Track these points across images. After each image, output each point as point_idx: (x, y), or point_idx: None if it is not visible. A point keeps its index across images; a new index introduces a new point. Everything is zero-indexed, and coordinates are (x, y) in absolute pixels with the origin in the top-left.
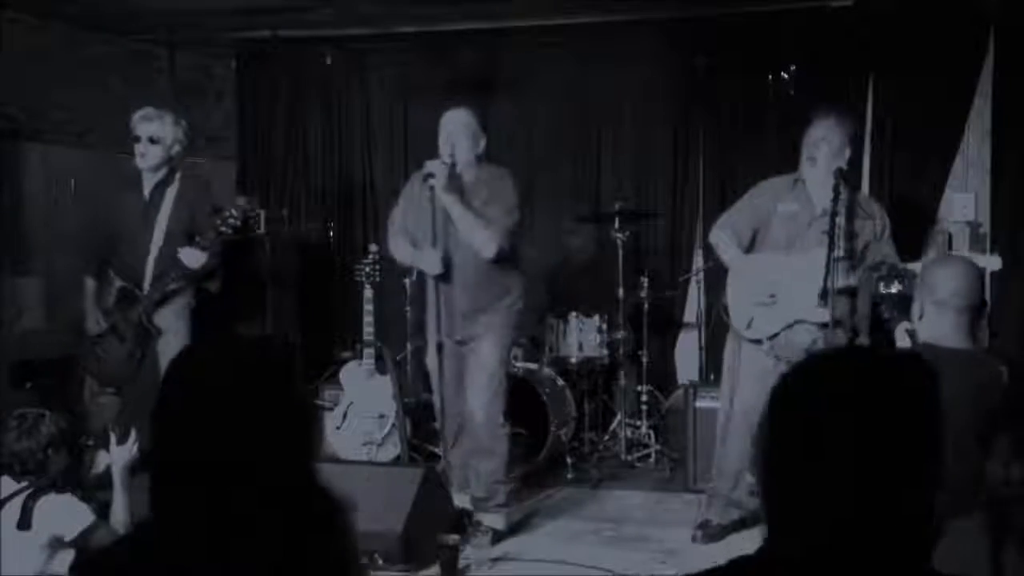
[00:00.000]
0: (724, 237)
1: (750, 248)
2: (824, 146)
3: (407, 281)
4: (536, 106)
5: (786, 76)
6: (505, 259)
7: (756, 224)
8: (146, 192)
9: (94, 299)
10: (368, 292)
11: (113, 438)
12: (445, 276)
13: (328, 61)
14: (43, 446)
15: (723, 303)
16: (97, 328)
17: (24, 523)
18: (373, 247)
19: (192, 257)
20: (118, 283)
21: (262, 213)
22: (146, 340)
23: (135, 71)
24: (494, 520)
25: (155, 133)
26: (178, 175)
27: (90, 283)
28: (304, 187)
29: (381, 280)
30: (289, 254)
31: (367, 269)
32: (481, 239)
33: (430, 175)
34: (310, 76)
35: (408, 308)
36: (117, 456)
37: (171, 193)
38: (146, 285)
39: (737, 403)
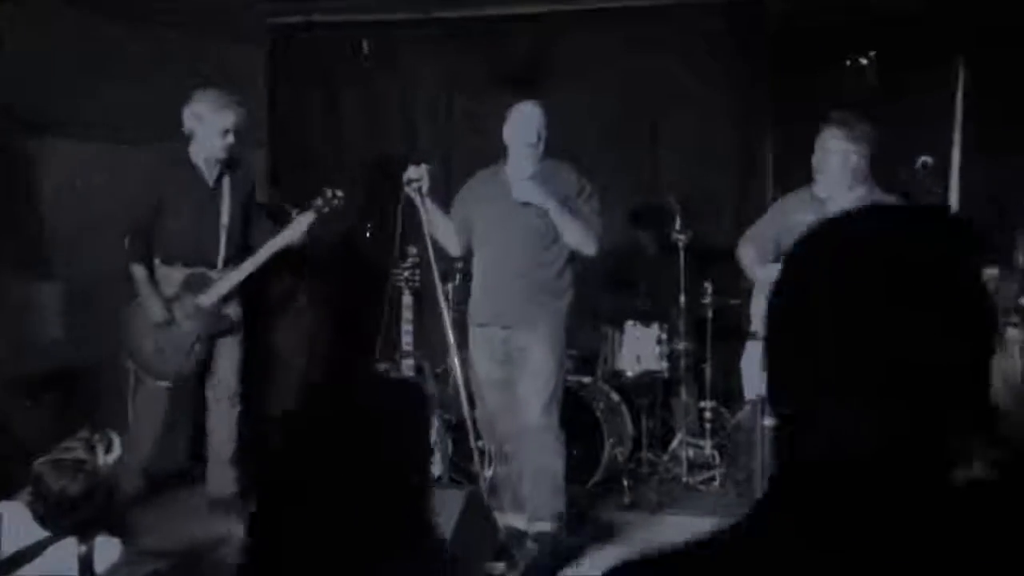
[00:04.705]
0: (747, 251)
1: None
2: (831, 155)
3: (450, 287)
4: (586, 95)
5: (865, 61)
6: (557, 257)
7: (777, 237)
8: (210, 177)
9: (150, 286)
10: (407, 299)
11: (100, 449)
12: (493, 276)
13: (365, 48)
14: (86, 488)
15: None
16: (163, 315)
17: (88, 572)
18: (413, 250)
19: (302, 224)
20: (182, 270)
21: (294, 212)
22: (217, 328)
23: (162, 59)
24: (548, 527)
25: (237, 123)
26: (239, 158)
27: (140, 270)
28: (339, 182)
29: (422, 286)
30: (323, 255)
31: (406, 274)
32: (585, 239)
33: (413, 180)
34: (346, 64)
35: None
36: (105, 467)
37: (237, 175)
38: (217, 270)
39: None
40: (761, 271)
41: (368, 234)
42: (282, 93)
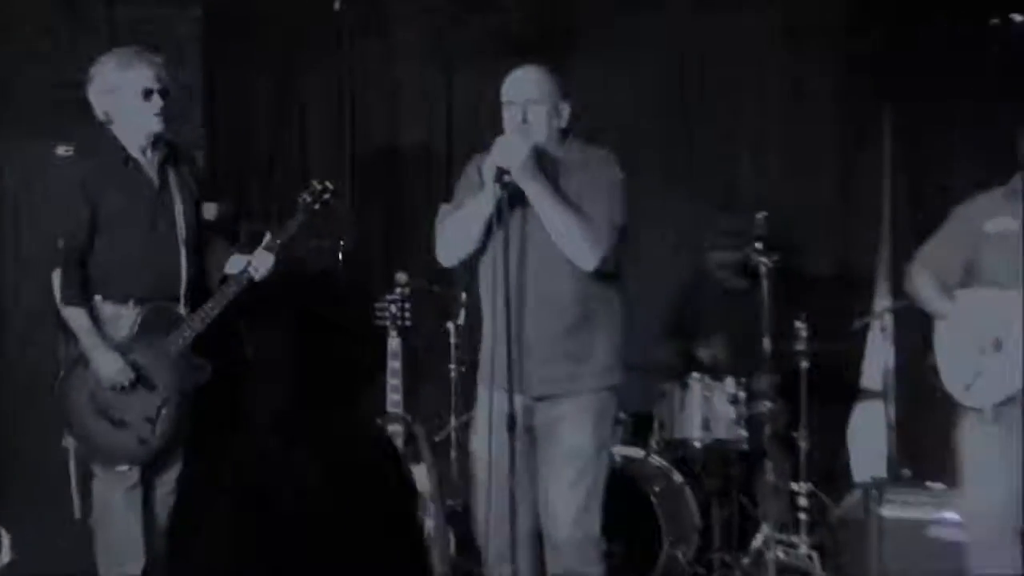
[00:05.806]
0: (923, 277)
1: (963, 287)
2: None
3: (451, 325)
4: (630, 71)
5: (1019, 19)
6: (604, 286)
7: (965, 254)
8: (151, 172)
9: (98, 336)
10: (394, 342)
11: None
12: (508, 315)
13: (337, 7)
14: None
15: (930, 363)
16: (125, 374)
17: None
18: (401, 276)
19: (264, 260)
20: (135, 309)
21: (243, 227)
22: (191, 382)
23: (59, 28)
24: None
25: (160, 78)
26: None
27: (79, 315)
28: (302, 187)
29: (413, 324)
30: (283, 285)
31: (393, 308)
32: (579, 243)
33: (504, 172)
34: (311, 31)
35: (453, 366)
36: None
37: (182, 170)
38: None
39: (972, 513)
40: (945, 303)
41: (340, 255)
42: (222, 74)
